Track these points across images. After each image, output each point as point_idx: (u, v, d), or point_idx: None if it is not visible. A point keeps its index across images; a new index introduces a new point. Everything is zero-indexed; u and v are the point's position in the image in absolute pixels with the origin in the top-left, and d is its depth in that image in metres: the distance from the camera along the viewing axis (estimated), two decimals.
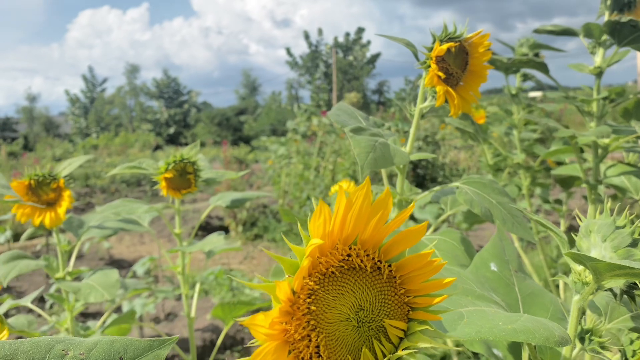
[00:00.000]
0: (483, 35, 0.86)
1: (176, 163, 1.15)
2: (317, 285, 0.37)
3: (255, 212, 9.11)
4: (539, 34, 1.42)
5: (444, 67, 0.84)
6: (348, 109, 1.06)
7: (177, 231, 1.21)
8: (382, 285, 0.41)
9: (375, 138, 0.80)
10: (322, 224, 0.35)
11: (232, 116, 41.40)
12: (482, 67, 0.89)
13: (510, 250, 0.74)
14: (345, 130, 0.79)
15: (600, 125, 1.30)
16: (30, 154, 25.23)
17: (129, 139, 30.92)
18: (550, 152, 1.51)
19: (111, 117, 44.04)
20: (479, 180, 0.90)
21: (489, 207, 0.84)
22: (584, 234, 0.58)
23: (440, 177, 8.82)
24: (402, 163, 0.78)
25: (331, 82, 29.74)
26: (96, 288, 1.09)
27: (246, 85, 47.75)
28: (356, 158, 0.74)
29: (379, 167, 0.75)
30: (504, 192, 0.89)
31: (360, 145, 0.76)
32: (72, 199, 1.16)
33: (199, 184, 1.20)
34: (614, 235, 0.54)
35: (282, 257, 0.38)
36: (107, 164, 16.78)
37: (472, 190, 0.86)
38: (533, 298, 0.67)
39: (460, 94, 0.87)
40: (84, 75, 47.37)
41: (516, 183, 2.18)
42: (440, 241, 0.81)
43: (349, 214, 0.37)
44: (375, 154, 0.76)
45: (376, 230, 0.39)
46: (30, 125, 46.65)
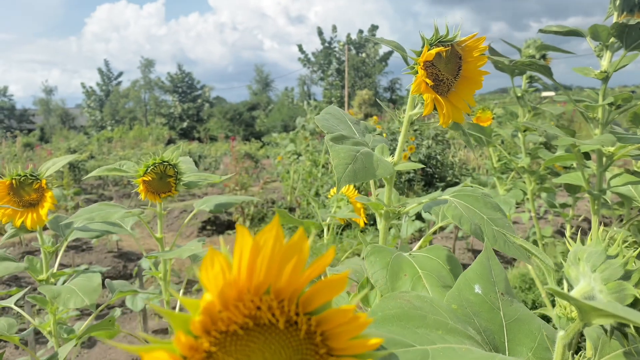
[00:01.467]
0: (478, 38, 0.80)
1: (155, 166, 1.11)
2: (214, 347, 0.31)
3: (263, 207, 9.10)
4: (544, 34, 1.36)
5: (433, 73, 0.78)
6: (337, 112, 1.01)
7: (158, 235, 1.18)
8: (299, 344, 0.34)
9: (358, 147, 0.75)
10: (221, 273, 0.30)
11: (245, 111, 41.48)
12: (476, 73, 0.83)
13: (498, 270, 0.69)
14: (325, 138, 0.75)
15: (606, 132, 1.23)
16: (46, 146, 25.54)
17: (143, 133, 31.14)
18: (552, 159, 1.45)
19: (126, 110, 44.38)
20: (471, 193, 0.85)
21: (480, 224, 0.78)
22: (572, 261, 0.52)
23: (449, 176, 8.73)
24: (386, 175, 0.73)
25: (343, 79, 29.61)
26: (76, 293, 1.06)
27: (259, 81, 47.75)
28: (333, 170, 0.69)
29: (359, 179, 0.70)
30: (496, 207, 0.84)
31: (339, 156, 0.71)
32: (54, 200, 1.13)
33: (180, 187, 1.16)
34: (604, 265, 0.48)
35: (171, 313, 0.32)
36: (120, 156, 16.87)
37: (462, 205, 0.81)
38: (519, 324, 0.62)
39: (451, 101, 0.81)
40: (100, 69, 47.77)
41: (521, 187, 2.12)
42: (423, 259, 0.75)
43: (258, 259, 0.31)
44: (355, 166, 0.71)
45: (293, 277, 0.33)
46: (46, 117, 47.23)
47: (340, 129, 0.93)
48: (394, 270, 0.72)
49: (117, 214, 1.03)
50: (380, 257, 0.73)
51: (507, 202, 2.08)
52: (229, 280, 0.30)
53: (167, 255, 1.02)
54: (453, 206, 0.80)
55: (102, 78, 47.44)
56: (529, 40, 1.82)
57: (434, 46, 0.77)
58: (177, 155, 1.12)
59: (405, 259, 0.75)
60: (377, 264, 0.72)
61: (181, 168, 1.14)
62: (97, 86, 46.81)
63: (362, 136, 0.95)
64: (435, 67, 0.78)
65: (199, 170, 7.62)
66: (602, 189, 1.27)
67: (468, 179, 6.90)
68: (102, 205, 1.09)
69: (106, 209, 1.06)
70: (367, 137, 0.94)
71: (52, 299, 1.01)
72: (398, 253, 0.76)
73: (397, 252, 0.76)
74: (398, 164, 0.84)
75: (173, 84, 44.14)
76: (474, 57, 0.81)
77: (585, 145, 1.08)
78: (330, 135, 0.75)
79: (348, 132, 0.93)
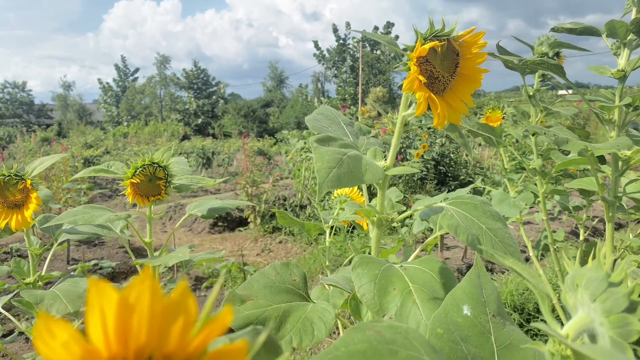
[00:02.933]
0: (477, 33, 0.73)
1: (145, 167, 1.06)
2: None
3: (275, 204, 9.08)
4: (556, 32, 1.29)
5: (427, 70, 0.72)
6: (330, 113, 0.96)
7: (147, 240, 1.13)
8: None
9: (345, 150, 0.69)
10: (73, 342, 0.23)
11: (258, 108, 41.56)
12: (475, 71, 0.76)
13: (490, 288, 0.62)
14: (310, 140, 0.69)
15: (622, 134, 1.16)
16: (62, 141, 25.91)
17: (158, 129, 31.37)
18: (563, 164, 1.37)
19: (142, 106, 44.76)
20: (469, 200, 0.78)
21: (478, 234, 0.72)
22: (570, 286, 0.46)
23: (462, 174, 8.61)
24: (375, 180, 0.67)
25: (357, 76, 29.45)
26: (60, 299, 1.02)
27: (273, 78, 47.76)
28: (316, 174, 0.63)
29: (344, 185, 0.65)
30: (496, 216, 0.77)
31: (323, 159, 0.65)
32: (39, 201, 1.09)
33: (170, 190, 1.11)
34: (606, 295, 0.42)
35: None
36: (135, 152, 17.01)
37: (459, 213, 0.74)
38: (512, 352, 0.56)
39: (447, 101, 0.74)
40: (117, 65, 48.23)
41: (532, 189, 2.04)
42: (415, 272, 0.69)
43: (133, 319, 0.24)
44: (340, 170, 0.65)
45: (184, 342, 0.26)
46: (64, 112, 47.86)
47: (331, 130, 0.87)
48: (382, 284, 0.66)
49: (102, 217, 0.98)
50: (368, 269, 0.67)
51: (517, 205, 2.00)
52: (90, 350, 0.23)
53: (152, 262, 0.98)
54: (449, 215, 0.74)
55: (118, 74, 47.89)
56: (542, 37, 1.74)
57: (428, 41, 0.71)
58: (168, 156, 1.07)
59: (395, 272, 0.69)
60: (364, 276, 0.66)
61: (172, 170, 1.09)
62: (113, 82, 47.28)
63: (355, 138, 0.89)
64: (430, 64, 0.72)
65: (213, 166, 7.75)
66: (618, 195, 1.19)
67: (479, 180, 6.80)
68: (87, 208, 1.04)
69: (91, 212, 1.02)
70: (361, 140, 0.89)
71: (35, 304, 0.98)
72: (388, 265, 0.70)
73: (387, 263, 0.70)
74: (390, 169, 0.78)
75: (188, 80, 44.37)
76: (473, 53, 0.74)
77: (599, 149, 1.01)
78: (316, 137, 0.69)
79: (339, 134, 0.87)
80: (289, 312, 0.69)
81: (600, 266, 0.44)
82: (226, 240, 8.31)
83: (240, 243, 8.05)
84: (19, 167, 1.13)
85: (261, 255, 7.38)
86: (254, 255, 7.39)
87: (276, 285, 0.73)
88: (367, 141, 0.88)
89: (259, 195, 8.79)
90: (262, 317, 0.66)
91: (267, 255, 7.30)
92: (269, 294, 0.71)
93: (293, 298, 0.72)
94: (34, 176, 1.11)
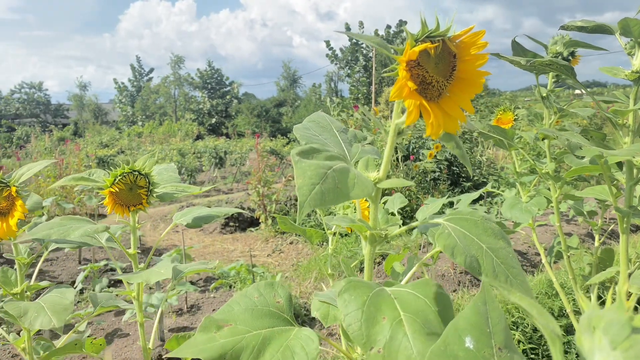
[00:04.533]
0: (476, 32, 0.67)
1: (124, 175, 1.01)
2: None
3: (286, 205, 9.05)
4: (567, 31, 1.21)
5: (419, 75, 0.65)
6: (323, 120, 0.90)
7: (131, 252, 1.08)
8: None
9: (331, 163, 0.63)
10: None
11: (272, 108, 41.64)
12: (475, 74, 0.70)
13: (497, 317, 0.56)
14: (292, 152, 0.63)
15: (637, 140, 1.08)
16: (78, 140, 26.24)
17: (173, 128, 31.59)
18: (575, 171, 1.29)
19: (156, 106, 45.11)
20: (469, 216, 0.71)
21: (477, 255, 0.65)
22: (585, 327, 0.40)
23: (476, 175, 8.48)
24: (364, 196, 0.60)
25: (370, 75, 29.28)
26: (45, 311, 0.98)
27: (286, 78, 47.77)
28: (297, 192, 0.58)
29: (328, 203, 0.59)
30: (499, 234, 0.69)
31: (305, 174, 0.59)
32: (25, 209, 1.04)
33: (152, 199, 1.06)
34: (628, 342, 0.35)
35: None
36: (148, 152, 17.12)
37: (457, 231, 0.67)
38: None
39: (443, 108, 0.68)
40: (132, 65, 48.68)
41: (545, 194, 1.96)
42: (408, 297, 0.63)
43: None
44: (324, 186, 0.59)
45: None
46: (80, 112, 48.46)
47: (322, 139, 0.81)
48: (370, 312, 0.60)
49: (78, 231, 0.93)
50: (356, 295, 0.61)
51: (529, 211, 1.92)
52: None
53: (133, 278, 0.93)
54: (446, 233, 0.67)
55: (133, 74, 48.34)
56: (556, 36, 1.66)
57: (420, 42, 0.64)
58: (151, 163, 1.02)
59: (385, 297, 0.63)
60: (351, 304, 0.60)
61: (154, 178, 1.04)
62: (128, 82, 47.72)
63: (348, 146, 0.83)
64: (422, 68, 0.65)
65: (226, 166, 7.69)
66: (632, 205, 1.11)
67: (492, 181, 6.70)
68: (64, 220, 0.99)
69: (68, 224, 0.97)
70: (354, 148, 0.83)
71: (19, 317, 0.94)
72: (378, 290, 0.64)
73: (377, 287, 0.64)
74: (382, 181, 0.71)
75: (202, 80, 44.60)
76: (472, 55, 0.68)
77: (614, 156, 0.93)
78: (298, 149, 0.64)
79: (331, 142, 0.81)
80: (270, 340, 0.63)
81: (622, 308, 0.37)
82: (237, 240, 8.30)
83: (251, 243, 8.02)
84: (6, 174, 1.09)
85: (272, 256, 7.35)
86: (265, 256, 7.36)
87: (258, 308, 0.67)
88: (362, 149, 0.82)
89: (270, 195, 8.76)
90: (239, 347, 0.61)
91: (277, 256, 7.27)
92: (249, 319, 0.65)
93: (276, 322, 0.66)
94: (22, 182, 1.07)
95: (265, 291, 0.71)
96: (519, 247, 6.37)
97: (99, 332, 4.45)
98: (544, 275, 4.58)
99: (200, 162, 16.07)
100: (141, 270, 1.01)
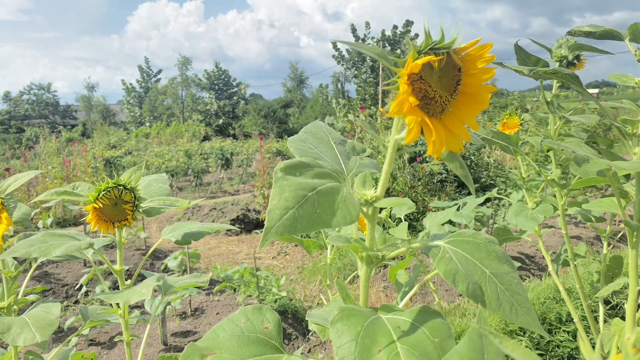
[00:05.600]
0: (483, 45, 0.63)
1: (109, 190, 0.98)
2: None
3: None
4: (574, 36, 1.17)
5: (421, 89, 0.62)
6: (320, 131, 0.86)
7: (117, 268, 1.04)
8: None
9: (318, 182, 0.59)
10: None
11: (278, 109, 41.65)
12: (481, 89, 0.65)
13: (494, 352, 0.53)
14: (275, 168, 0.60)
15: None
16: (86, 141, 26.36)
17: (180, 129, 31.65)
18: (583, 182, 1.25)
19: (164, 107, 45.25)
20: (471, 238, 0.66)
21: (480, 282, 0.61)
22: None
23: (484, 177, 8.41)
24: (348, 223, 0.56)
25: (378, 76, 29.18)
26: (29, 327, 0.95)
27: (293, 78, 47.77)
28: (266, 215, 0.54)
29: (301, 230, 0.55)
30: (503, 258, 0.64)
31: (282, 195, 0.55)
32: (10, 222, 1.01)
33: (138, 215, 1.03)
34: None
35: None
36: (155, 153, 17.17)
37: (458, 255, 0.63)
38: None
39: (446, 125, 0.64)
40: (140, 66, 48.86)
41: (551, 201, 1.92)
42: (405, 327, 0.57)
43: None
44: (299, 211, 0.55)
45: None
46: (88, 113, 48.74)
47: (318, 152, 0.78)
48: (365, 344, 0.56)
49: (59, 249, 0.90)
50: (349, 325, 0.57)
51: (535, 218, 1.88)
52: None
53: (112, 298, 0.90)
54: (447, 257, 0.62)
55: (141, 75, 48.53)
56: (561, 39, 1.62)
57: (423, 55, 0.61)
58: (137, 177, 0.99)
59: (381, 327, 0.59)
60: (344, 335, 0.56)
61: (140, 193, 1.01)
62: (137, 83, 47.92)
63: (345, 159, 0.80)
64: (425, 82, 0.62)
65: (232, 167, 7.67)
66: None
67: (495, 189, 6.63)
68: (45, 237, 0.96)
69: (49, 241, 0.93)
70: (352, 161, 0.79)
71: (2, 333, 0.91)
72: (374, 318, 0.60)
73: (373, 316, 0.60)
74: (380, 200, 0.68)
75: (210, 81, 44.71)
76: (478, 68, 0.64)
77: (623, 169, 0.89)
78: (285, 163, 0.60)
79: (327, 155, 0.78)
80: None
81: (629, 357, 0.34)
82: (242, 242, 8.29)
83: (256, 245, 8.00)
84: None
85: (277, 258, 7.33)
86: (270, 258, 7.34)
87: (245, 334, 0.64)
88: (360, 163, 0.78)
89: None
90: None
91: (282, 259, 7.25)
92: (235, 346, 0.62)
93: (263, 350, 0.63)
94: (8, 194, 1.05)
95: (252, 316, 0.68)
96: (526, 250, 6.30)
97: (102, 335, 4.44)
98: (552, 280, 4.51)
99: (206, 163, 16.09)
100: (127, 287, 0.99)
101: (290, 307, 4.93)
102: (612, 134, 8.35)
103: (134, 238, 7.52)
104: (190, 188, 14.43)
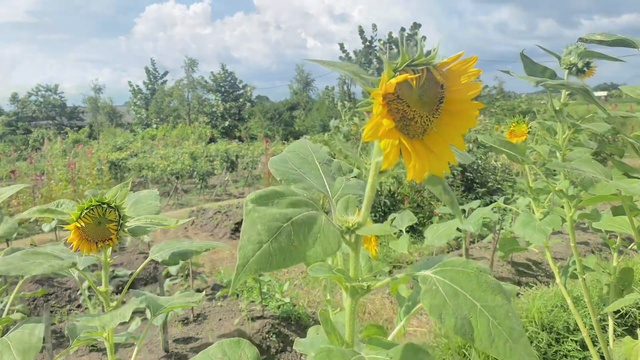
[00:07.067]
0: (466, 59, 0.57)
1: (92, 209, 0.93)
2: None
3: None
4: (585, 43, 1.11)
5: (398, 110, 0.56)
6: (304, 150, 0.80)
7: (102, 289, 0.99)
8: None
9: (293, 212, 0.53)
10: None
11: (284, 111, 41.66)
12: (467, 106, 0.59)
13: None
14: (246, 200, 0.54)
15: None
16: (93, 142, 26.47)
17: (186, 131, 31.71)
18: (593, 199, 1.18)
19: (170, 108, 45.38)
20: (461, 268, 0.60)
21: (470, 316, 0.55)
22: None
23: (490, 181, 8.32)
24: (327, 256, 0.51)
25: None
26: (10, 350, 0.91)
27: (299, 80, 47.74)
28: (237, 252, 0.49)
29: (277, 267, 0.49)
30: (496, 288, 0.58)
31: (254, 229, 0.50)
32: None
33: (122, 234, 0.98)
34: None
35: None
36: (160, 155, 17.18)
37: (446, 286, 0.57)
38: None
39: (428, 146, 0.58)
40: (147, 68, 49.02)
41: (559, 212, 1.84)
42: None
43: None
44: (275, 245, 0.49)
45: None
46: (94, 114, 48.98)
47: (301, 173, 0.72)
48: None
49: (41, 267, 0.85)
50: None
51: (543, 230, 1.80)
52: None
53: (91, 322, 0.85)
54: (433, 290, 0.56)
55: (148, 77, 48.67)
56: (570, 46, 1.55)
57: (399, 72, 0.55)
58: (123, 195, 0.94)
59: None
60: None
61: (125, 211, 0.95)
62: (143, 85, 48.07)
63: (331, 180, 0.73)
64: (402, 101, 0.56)
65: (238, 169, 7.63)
66: None
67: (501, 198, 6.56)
68: (26, 255, 0.91)
69: (30, 259, 0.89)
70: (337, 183, 0.73)
71: None
72: (355, 359, 0.54)
73: (354, 357, 0.54)
74: (362, 227, 0.62)
75: (216, 83, 44.79)
76: (462, 84, 0.58)
77: (634, 193, 0.82)
78: (256, 194, 0.54)
79: (310, 177, 0.72)
80: None
81: None
82: None
83: None
84: None
85: None
86: None
87: None
88: (345, 184, 0.72)
89: None
90: None
91: None
92: None
93: None
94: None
95: (230, 350, 0.62)
96: (533, 257, 6.20)
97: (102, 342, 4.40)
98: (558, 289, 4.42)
99: (212, 166, 16.08)
100: (113, 308, 0.93)
101: (294, 314, 4.87)
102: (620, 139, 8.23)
103: (137, 242, 7.49)
104: (196, 190, 14.42)
